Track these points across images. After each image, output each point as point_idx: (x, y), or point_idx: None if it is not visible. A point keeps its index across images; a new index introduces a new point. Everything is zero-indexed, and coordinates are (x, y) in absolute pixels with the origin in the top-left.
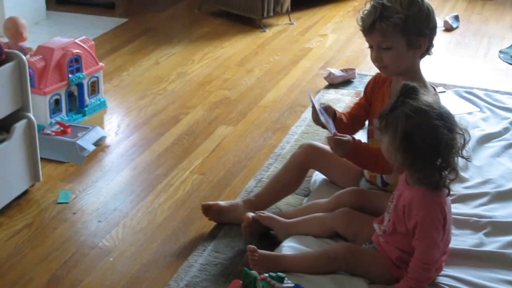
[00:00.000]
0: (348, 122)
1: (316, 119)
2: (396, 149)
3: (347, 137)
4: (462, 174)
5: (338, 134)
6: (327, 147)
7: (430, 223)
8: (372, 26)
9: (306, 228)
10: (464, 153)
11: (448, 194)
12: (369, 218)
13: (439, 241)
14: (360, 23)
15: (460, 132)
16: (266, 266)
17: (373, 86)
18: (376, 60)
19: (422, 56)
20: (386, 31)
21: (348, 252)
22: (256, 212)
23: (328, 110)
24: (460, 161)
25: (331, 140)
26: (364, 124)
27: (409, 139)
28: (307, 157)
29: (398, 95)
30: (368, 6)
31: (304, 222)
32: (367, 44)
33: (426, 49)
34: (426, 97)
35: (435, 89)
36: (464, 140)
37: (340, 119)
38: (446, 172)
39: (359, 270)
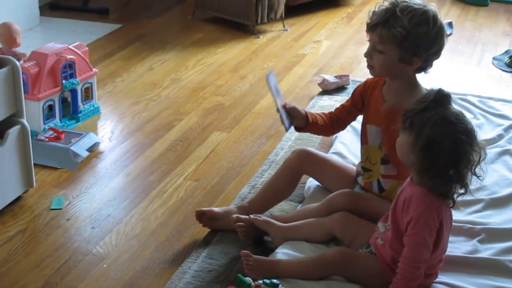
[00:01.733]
0: (325, 124)
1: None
2: (415, 152)
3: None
4: None
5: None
6: (321, 153)
7: (424, 222)
8: (375, 26)
9: (303, 231)
10: (478, 171)
11: (452, 206)
12: (366, 223)
13: (430, 242)
14: (370, 16)
15: (478, 150)
16: (261, 271)
17: (363, 91)
18: (367, 55)
19: (416, 72)
20: (384, 37)
21: (344, 257)
22: (252, 215)
23: (294, 112)
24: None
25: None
26: (345, 126)
27: (431, 146)
28: (300, 163)
29: (430, 99)
30: (385, 3)
31: (301, 226)
32: (361, 51)
33: (420, 68)
34: (456, 110)
35: None
36: (480, 157)
37: (314, 122)
38: (456, 184)
39: (355, 275)
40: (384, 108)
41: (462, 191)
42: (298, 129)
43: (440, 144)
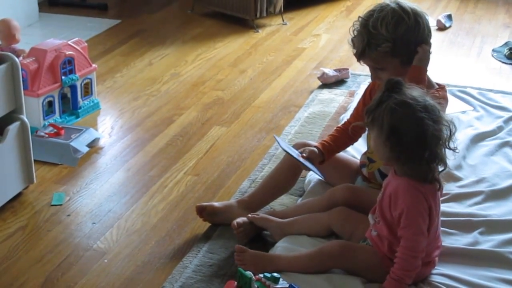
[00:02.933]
0: (342, 140)
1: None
2: (383, 144)
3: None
4: (456, 173)
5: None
6: None
7: (416, 211)
8: (362, 53)
9: (302, 227)
10: (451, 144)
11: (439, 188)
12: (364, 217)
13: (425, 229)
14: (352, 45)
15: (446, 123)
16: (258, 266)
17: (372, 90)
18: (376, 79)
19: None
20: (376, 58)
21: (343, 249)
22: (250, 214)
23: (312, 155)
24: (455, 161)
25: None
26: (365, 129)
27: (395, 132)
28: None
29: (383, 90)
30: (356, 25)
31: (300, 221)
32: None
33: None
34: (411, 91)
35: (440, 86)
36: (450, 131)
37: (330, 151)
38: (435, 164)
39: (355, 267)
40: None
41: (441, 168)
42: (322, 162)
43: (402, 127)
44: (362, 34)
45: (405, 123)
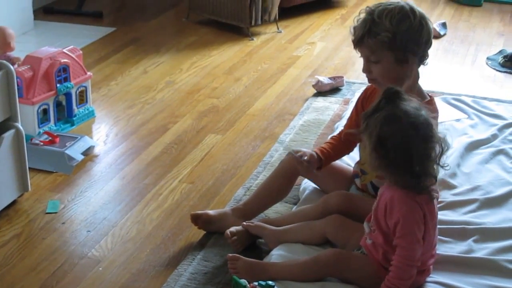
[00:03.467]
0: (338, 147)
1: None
2: (370, 153)
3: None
4: (451, 181)
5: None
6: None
7: (412, 220)
8: (360, 40)
9: (297, 235)
10: (442, 162)
11: (431, 199)
12: (359, 225)
13: (421, 237)
14: (352, 32)
15: (437, 141)
16: (252, 274)
17: (364, 99)
18: (366, 71)
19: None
20: (373, 46)
21: (338, 258)
22: (245, 222)
23: (312, 158)
24: (450, 169)
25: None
26: (358, 139)
27: (382, 144)
28: (294, 165)
29: (380, 98)
30: (361, 16)
31: (295, 229)
32: (355, 52)
33: (419, 61)
34: (407, 104)
35: (431, 97)
36: (442, 149)
37: (327, 156)
38: (424, 178)
39: (349, 275)
40: None
41: (430, 183)
42: (319, 168)
43: (390, 141)
44: (365, 21)
45: (392, 137)
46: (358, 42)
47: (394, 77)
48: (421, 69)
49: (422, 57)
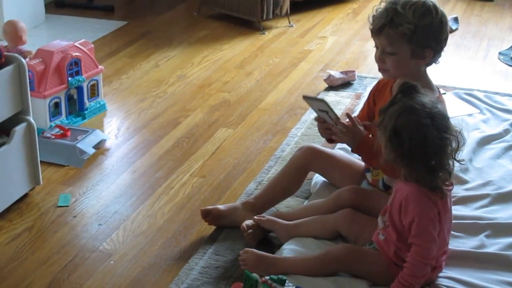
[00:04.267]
0: None
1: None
2: (385, 145)
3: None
4: (463, 175)
5: (340, 122)
6: (327, 149)
7: (427, 218)
8: (380, 29)
9: (308, 229)
10: (458, 156)
11: (442, 197)
12: (371, 220)
13: (436, 235)
14: (371, 21)
15: (454, 134)
16: (261, 267)
17: (375, 92)
18: (379, 61)
19: (427, 65)
20: (393, 37)
21: (349, 253)
22: (256, 216)
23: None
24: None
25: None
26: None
27: (397, 136)
28: (306, 160)
29: (397, 92)
30: (382, 5)
31: (306, 223)
32: (366, 47)
33: (432, 60)
34: (423, 97)
35: (439, 92)
36: (458, 143)
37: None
38: (438, 173)
39: (360, 271)
40: None
41: (444, 178)
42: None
43: (403, 132)
44: (387, 10)
45: (407, 129)
46: (378, 31)
47: (407, 70)
48: (434, 64)
49: (437, 55)
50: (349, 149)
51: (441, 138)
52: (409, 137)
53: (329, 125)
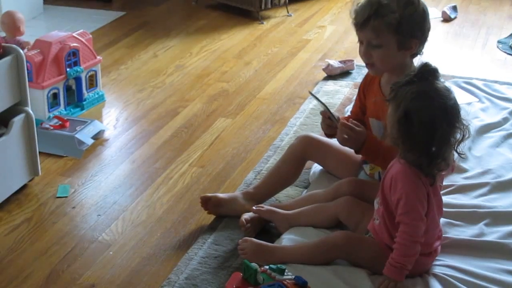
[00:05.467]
0: None
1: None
2: (394, 124)
3: (361, 127)
4: (462, 164)
5: (344, 122)
6: (325, 138)
7: (415, 196)
8: (365, 22)
9: (308, 217)
10: (460, 148)
11: (431, 184)
12: (371, 207)
13: (424, 214)
14: (353, 16)
15: (461, 127)
16: (260, 256)
17: (364, 86)
18: (365, 55)
19: (412, 56)
20: (379, 29)
21: (347, 240)
22: (255, 206)
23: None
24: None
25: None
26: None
27: (407, 118)
28: (304, 149)
29: (416, 72)
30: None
31: (306, 212)
32: None
33: (419, 49)
34: (439, 85)
35: None
36: (463, 136)
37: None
38: (437, 161)
39: (358, 258)
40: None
41: (442, 167)
42: (330, 136)
43: (414, 117)
44: (371, 3)
45: (419, 113)
46: (363, 24)
47: (394, 63)
48: (431, 53)
49: (422, 46)
50: None
51: (449, 131)
52: (419, 123)
53: (332, 123)
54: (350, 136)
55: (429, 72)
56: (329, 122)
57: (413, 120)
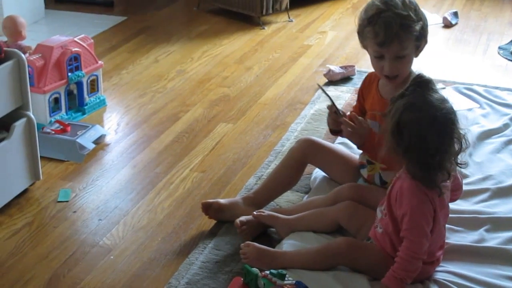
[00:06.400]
0: None
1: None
2: (388, 136)
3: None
4: (463, 170)
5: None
6: (325, 142)
7: (420, 213)
8: (394, 37)
9: (309, 222)
10: (459, 159)
11: (439, 195)
12: (372, 213)
13: (429, 231)
14: (374, 36)
15: (457, 137)
16: (261, 261)
17: (363, 89)
18: (392, 70)
19: None
20: (406, 40)
21: (349, 247)
22: (256, 211)
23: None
24: (461, 158)
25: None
26: None
27: (398, 131)
28: (304, 152)
29: (410, 84)
30: (371, 12)
31: (307, 217)
32: None
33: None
34: (432, 96)
35: None
36: (461, 147)
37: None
38: (437, 172)
39: (360, 264)
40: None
41: (443, 178)
42: (334, 132)
43: (404, 129)
44: (393, 18)
45: (409, 125)
46: (391, 39)
47: (409, 68)
48: (432, 59)
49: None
50: (348, 143)
51: (441, 143)
52: (409, 135)
53: (337, 118)
54: (354, 130)
55: (420, 84)
56: (335, 116)
57: (404, 132)
